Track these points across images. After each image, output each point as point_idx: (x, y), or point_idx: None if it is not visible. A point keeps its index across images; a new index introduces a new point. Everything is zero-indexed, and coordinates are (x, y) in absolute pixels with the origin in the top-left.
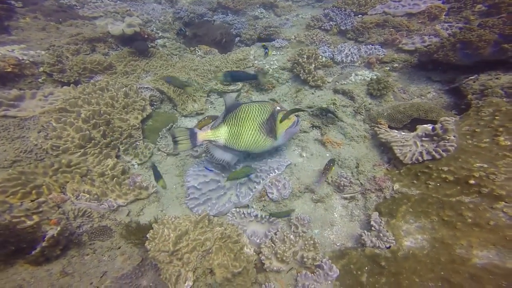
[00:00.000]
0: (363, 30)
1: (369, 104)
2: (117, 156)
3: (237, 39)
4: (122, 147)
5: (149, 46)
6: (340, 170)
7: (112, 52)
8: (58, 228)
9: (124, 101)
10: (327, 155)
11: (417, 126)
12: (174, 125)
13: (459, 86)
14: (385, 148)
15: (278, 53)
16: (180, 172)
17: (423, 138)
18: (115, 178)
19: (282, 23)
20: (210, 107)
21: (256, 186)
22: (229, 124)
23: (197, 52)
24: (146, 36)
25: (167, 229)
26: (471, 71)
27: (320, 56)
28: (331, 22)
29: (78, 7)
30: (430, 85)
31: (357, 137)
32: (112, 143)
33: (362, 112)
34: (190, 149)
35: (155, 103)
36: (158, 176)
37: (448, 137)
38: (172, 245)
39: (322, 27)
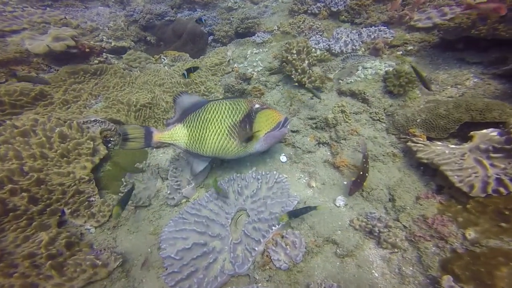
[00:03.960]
0: (360, 8)
1: (390, 106)
2: (62, 223)
3: (210, 38)
4: (67, 209)
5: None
6: (369, 207)
7: (44, 76)
8: None
9: (61, 147)
10: (345, 183)
11: (472, 133)
12: (142, 166)
13: None
14: (427, 169)
15: (261, 50)
16: (155, 229)
17: (492, 154)
18: (51, 260)
19: (261, 11)
20: None
21: (256, 247)
22: (189, 126)
23: (162, 60)
24: (87, 50)
25: None
26: None
27: (313, 49)
28: (318, 4)
29: None
30: (467, 69)
31: (383, 155)
32: (50, 208)
33: (382, 119)
34: (141, 148)
35: (111, 139)
36: (123, 202)
37: None
38: None
39: (309, 11)
